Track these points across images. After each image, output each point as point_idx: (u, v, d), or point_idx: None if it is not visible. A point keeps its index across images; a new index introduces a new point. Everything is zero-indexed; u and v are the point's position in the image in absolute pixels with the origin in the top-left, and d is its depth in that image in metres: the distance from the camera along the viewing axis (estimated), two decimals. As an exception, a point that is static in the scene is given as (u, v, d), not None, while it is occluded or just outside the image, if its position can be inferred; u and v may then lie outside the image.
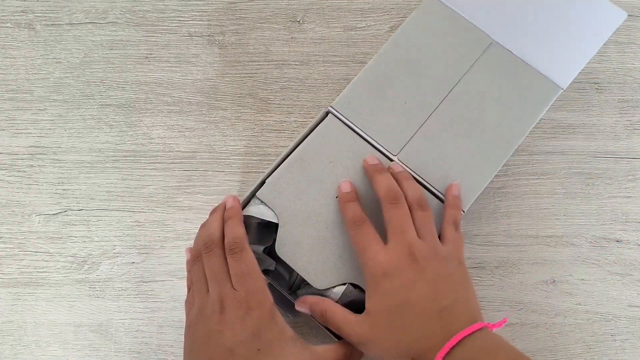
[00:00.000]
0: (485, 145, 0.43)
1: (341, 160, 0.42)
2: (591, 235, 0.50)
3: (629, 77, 0.54)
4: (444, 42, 0.45)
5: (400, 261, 0.35)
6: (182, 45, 0.55)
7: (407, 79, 0.45)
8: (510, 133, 0.44)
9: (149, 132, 0.53)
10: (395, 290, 0.35)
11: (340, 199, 0.40)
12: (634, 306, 0.49)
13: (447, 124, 0.44)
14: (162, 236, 0.50)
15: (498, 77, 0.45)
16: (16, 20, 0.56)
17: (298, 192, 0.42)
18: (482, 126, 0.44)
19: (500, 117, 0.44)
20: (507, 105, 0.44)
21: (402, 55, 0.45)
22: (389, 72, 0.45)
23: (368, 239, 0.37)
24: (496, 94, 0.44)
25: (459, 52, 0.45)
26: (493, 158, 0.43)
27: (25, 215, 0.51)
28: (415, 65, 0.45)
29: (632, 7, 0.56)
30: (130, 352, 0.48)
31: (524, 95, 0.44)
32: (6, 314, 0.48)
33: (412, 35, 0.46)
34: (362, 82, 0.44)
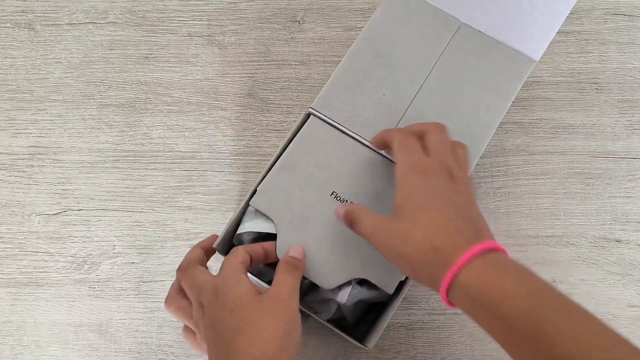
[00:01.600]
0: (468, 127, 0.43)
1: (330, 159, 0.42)
2: (591, 235, 0.50)
3: (629, 77, 0.54)
4: (413, 30, 0.45)
5: (438, 169, 0.35)
6: (182, 45, 0.55)
7: (382, 71, 0.45)
8: (490, 111, 0.44)
9: (149, 132, 0.53)
10: (428, 182, 0.34)
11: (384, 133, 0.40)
12: (634, 306, 0.49)
13: (427, 110, 0.44)
14: (162, 236, 0.50)
15: (471, 58, 0.45)
16: (16, 20, 0.56)
17: (291, 197, 0.41)
18: (462, 108, 0.44)
19: (478, 97, 0.44)
20: (483, 84, 0.44)
21: (374, 49, 0.45)
22: (364, 67, 0.45)
23: (413, 144, 0.37)
24: (471, 75, 0.44)
25: (430, 39, 0.45)
26: (477, 138, 0.43)
27: (25, 215, 0.51)
28: (388, 57, 0.45)
29: (632, 7, 0.56)
30: (130, 352, 0.48)
31: (498, 73, 0.44)
32: (6, 314, 0.48)
33: (381, 28, 0.46)
34: (339, 80, 0.44)
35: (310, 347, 0.47)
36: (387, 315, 0.40)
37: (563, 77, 0.54)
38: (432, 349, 0.48)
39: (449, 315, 0.48)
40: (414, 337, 0.48)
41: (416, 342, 0.48)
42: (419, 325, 0.48)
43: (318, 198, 0.41)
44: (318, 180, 0.42)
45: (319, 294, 0.41)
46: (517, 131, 0.53)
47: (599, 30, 0.55)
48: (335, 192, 0.41)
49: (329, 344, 0.47)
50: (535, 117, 0.53)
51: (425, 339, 0.48)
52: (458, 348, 0.48)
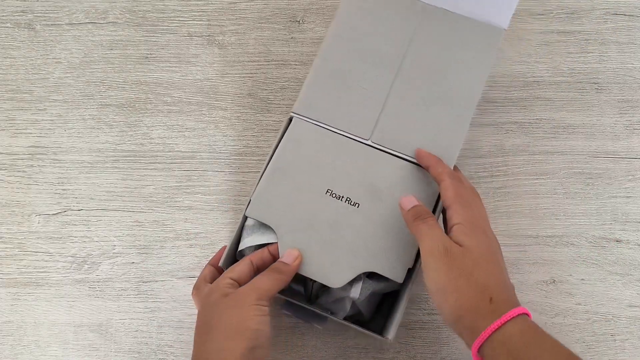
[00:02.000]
0: (449, 105, 0.43)
1: (320, 157, 0.42)
2: (591, 235, 0.50)
3: (629, 77, 0.54)
4: (380, 19, 0.45)
5: (487, 228, 0.38)
6: (182, 45, 0.55)
7: (357, 64, 0.45)
8: (469, 86, 0.44)
9: (149, 132, 0.53)
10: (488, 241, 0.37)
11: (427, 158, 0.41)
12: (634, 306, 0.49)
13: (408, 95, 0.44)
14: (162, 236, 0.50)
15: (441, 37, 0.45)
16: (16, 20, 0.56)
17: (288, 201, 0.41)
18: (440, 88, 0.44)
19: (455, 74, 0.44)
20: (458, 60, 0.44)
21: (345, 43, 0.45)
22: (338, 63, 0.45)
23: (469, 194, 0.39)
24: (445, 53, 0.44)
25: (398, 24, 0.45)
26: (460, 115, 0.43)
27: (25, 215, 0.51)
28: (360, 49, 0.45)
29: (632, 7, 0.56)
30: (130, 352, 0.48)
31: (470, 46, 0.45)
32: (6, 314, 0.48)
33: (348, 22, 0.46)
34: (316, 80, 0.44)
35: (310, 347, 0.47)
36: (401, 304, 0.40)
37: (563, 77, 0.54)
38: (432, 349, 0.48)
39: (449, 315, 0.48)
40: (414, 337, 0.48)
41: (416, 342, 0.48)
42: (419, 325, 0.48)
43: (314, 198, 0.41)
44: (311, 180, 0.41)
45: (331, 295, 0.41)
46: (517, 131, 0.53)
47: (599, 30, 0.55)
48: (330, 189, 0.41)
49: (329, 344, 0.47)
50: (535, 117, 0.53)
51: (425, 339, 0.48)
52: (458, 348, 0.48)
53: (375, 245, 0.40)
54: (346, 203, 0.41)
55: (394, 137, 0.43)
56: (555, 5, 0.56)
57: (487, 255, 0.36)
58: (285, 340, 0.48)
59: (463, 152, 0.52)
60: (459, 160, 0.52)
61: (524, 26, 0.55)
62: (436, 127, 0.43)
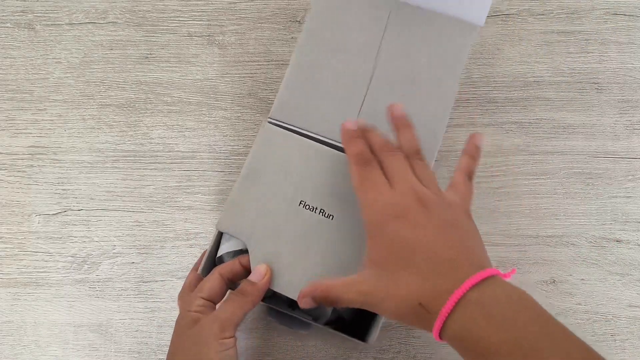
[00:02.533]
0: (427, 101, 0.43)
1: (293, 166, 0.40)
2: (591, 235, 0.50)
3: (629, 77, 0.54)
4: (352, 17, 0.45)
5: (409, 203, 0.33)
6: (182, 45, 0.55)
7: (332, 64, 0.44)
8: (445, 82, 0.43)
9: (149, 132, 0.53)
10: (403, 232, 0.32)
11: (344, 135, 0.38)
12: (634, 306, 0.49)
13: (385, 93, 0.43)
14: (162, 236, 0.50)
15: (415, 34, 0.45)
16: (16, 20, 0.56)
17: (259, 210, 0.39)
18: (417, 84, 0.43)
19: (431, 70, 0.44)
20: (432, 58, 0.44)
21: (319, 45, 0.45)
22: (313, 64, 0.44)
23: (375, 178, 0.35)
24: (419, 51, 0.44)
25: (370, 22, 0.45)
26: (439, 110, 0.43)
27: (25, 215, 0.51)
28: (334, 48, 0.44)
29: (632, 7, 0.56)
30: (130, 352, 0.48)
31: (445, 43, 0.44)
32: (6, 314, 0.48)
33: (321, 22, 0.45)
34: (292, 83, 0.44)
35: (309, 347, 0.47)
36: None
37: (563, 77, 0.54)
38: (432, 349, 0.48)
39: (449, 315, 0.48)
40: (414, 337, 0.48)
41: (416, 342, 0.48)
42: (419, 325, 0.48)
43: (286, 209, 0.40)
44: (284, 190, 0.40)
45: None
46: (517, 131, 0.53)
47: (599, 30, 0.55)
48: (303, 200, 0.40)
49: (329, 344, 0.47)
50: (535, 117, 0.53)
51: (425, 339, 0.48)
52: (458, 348, 0.48)
53: (349, 258, 0.39)
54: (320, 215, 0.39)
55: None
56: (555, 5, 0.56)
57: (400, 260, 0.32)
58: (285, 340, 0.48)
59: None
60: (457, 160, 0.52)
61: (524, 26, 0.55)
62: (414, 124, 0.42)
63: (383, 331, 0.48)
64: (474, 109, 0.53)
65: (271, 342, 0.48)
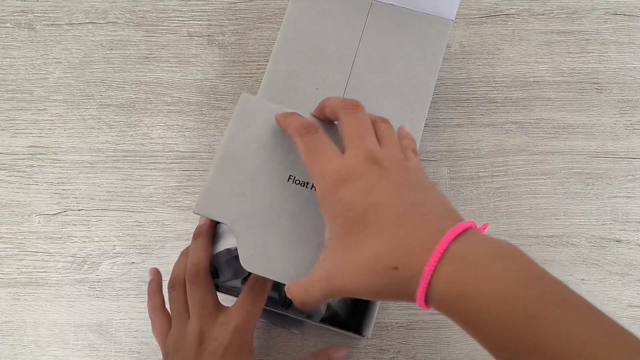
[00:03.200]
0: (405, 100, 0.43)
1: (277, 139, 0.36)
2: (591, 235, 0.50)
3: (629, 77, 0.54)
4: (328, 18, 0.45)
5: (359, 166, 0.29)
6: (182, 45, 0.55)
7: (309, 66, 0.44)
8: (423, 80, 0.44)
9: (149, 132, 0.53)
10: (355, 196, 0.28)
11: (279, 118, 0.34)
12: (634, 306, 0.49)
13: (362, 94, 0.44)
14: (162, 236, 0.50)
15: (391, 33, 0.45)
16: (16, 20, 0.56)
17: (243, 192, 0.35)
18: (394, 84, 0.44)
19: (407, 69, 0.44)
20: (409, 55, 0.44)
21: (296, 46, 0.45)
22: (290, 67, 0.44)
23: (321, 145, 0.30)
24: (395, 49, 0.44)
25: (347, 23, 0.45)
26: (417, 109, 0.43)
27: (25, 215, 0.51)
28: (311, 50, 0.45)
29: (632, 7, 0.56)
30: (130, 352, 0.48)
31: (420, 40, 0.45)
32: (6, 314, 0.48)
33: (297, 23, 0.45)
34: (269, 86, 0.44)
35: (309, 347, 0.47)
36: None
37: (563, 77, 0.54)
38: (432, 349, 0.48)
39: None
40: (414, 337, 0.48)
41: (416, 342, 0.48)
42: (419, 325, 0.48)
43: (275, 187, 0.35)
44: (269, 166, 0.36)
45: None
46: (517, 131, 0.53)
47: (599, 30, 0.55)
48: (292, 175, 0.35)
49: (329, 344, 0.47)
50: (535, 117, 0.53)
51: (425, 339, 0.48)
52: (458, 348, 0.48)
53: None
54: (312, 189, 0.35)
55: None
56: (555, 5, 0.56)
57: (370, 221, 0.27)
58: (285, 340, 0.48)
59: (463, 152, 0.52)
60: (458, 160, 0.52)
61: (524, 26, 0.55)
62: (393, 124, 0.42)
63: (383, 331, 0.48)
64: (474, 109, 0.53)
65: (271, 342, 0.48)
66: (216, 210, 0.35)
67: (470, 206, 0.51)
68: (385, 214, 0.27)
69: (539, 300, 0.23)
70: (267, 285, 0.37)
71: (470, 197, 0.51)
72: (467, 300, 0.24)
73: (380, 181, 0.28)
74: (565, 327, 0.22)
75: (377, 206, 0.27)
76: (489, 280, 0.24)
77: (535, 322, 0.23)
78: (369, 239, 0.27)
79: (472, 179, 0.51)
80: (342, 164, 0.29)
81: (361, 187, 0.28)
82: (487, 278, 0.24)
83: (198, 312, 0.36)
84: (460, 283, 0.25)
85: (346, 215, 0.28)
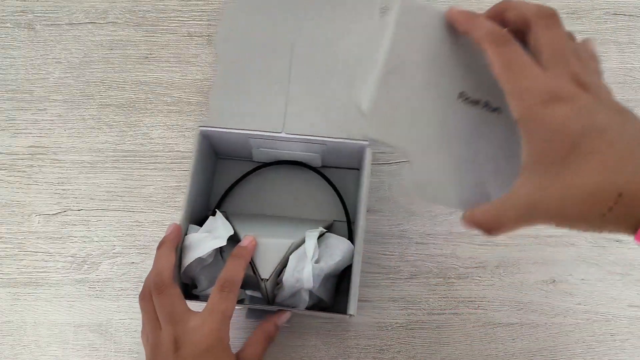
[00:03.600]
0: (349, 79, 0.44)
1: (444, 52, 0.31)
2: (591, 235, 0.50)
3: (629, 77, 0.54)
4: (265, 11, 0.46)
5: (568, 87, 0.26)
6: (182, 45, 0.55)
7: (252, 63, 0.45)
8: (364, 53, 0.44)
9: (149, 132, 0.53)
10: (571, 118, 0.25)
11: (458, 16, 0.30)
12: (634, 306, 0.49)
13: (308, 79, 0.44)
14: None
15: (326, 13, 0.45)
16: (16, 20, 0.56)
17: (413, 113, 0.31)
18: (336, 65, 0.44)
19: (348, 49, 0.44)
20: (349, 31, 0.45)
21: (237, 44, 0.45)
22: (234, 67, 0.45)
23: (521, 60, 0.27)
24: (331, 29, 0.45)
25: (283, 11, 0.46)
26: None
27: (25, 215, 0.51)
28: (251, 47, 0.45)
29: (632, 7, 0.56)
30: (130, 352, 0.48)
31: (355, 12, 0.45)
32: (6, 314, 0.48)
33: (234, 21, 0.46)
34: (220, 89, 0.45)
35: (310, 347, 0.47)
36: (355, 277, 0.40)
37: (563, 77, 0.54)
38: (432, 349, 0.48)
39: (449, 315, 0.48)
40: (414, 337, 0.48)
41: (416, 342, 0.48)
42: (419, 325, 0.48)
43: (444, 106, 0.31)
44: (438, 81, 0.31)
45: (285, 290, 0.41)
46: (517, 131, 0.53)
47: (599, 30, 0.55)
48: (463, 92, 0.31)
49: (329, 343, 0.47)
50: (535, 117, 0.53)
51: (425, 339, 0.48)
52: (458, 348, 0.48)
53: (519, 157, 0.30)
54: (484, 109, 0.32)
55: (305, 124, 0.44)
56: (556, 5, 0.55)
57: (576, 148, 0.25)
58: (285, 340, 0.48)
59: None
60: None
61: (524, 26, 0.55)
62: (343, 103, 0.42)
63: (383, 331, 0.48)
64: (474, 109, 0.53)
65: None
66: (387, 132, 0.31)
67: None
68: (608, 138, 0.25)
69: None
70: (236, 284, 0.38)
71: (470, 197, 0.51)
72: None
73: (598, 105, 0.26)
74: None
75: (600, 131, 0.25)
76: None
77: None
78: (589, 163, 0.25)
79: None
80: (548, 83, 0.26)
81: (577, 108, 0.26)
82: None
83: (168, 320, 0.36)
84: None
85: (557, 138, 0.26)
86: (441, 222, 0.50)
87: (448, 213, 0.51)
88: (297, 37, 0.45)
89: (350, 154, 0.46)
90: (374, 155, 0.52)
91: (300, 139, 0.43)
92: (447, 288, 0.49)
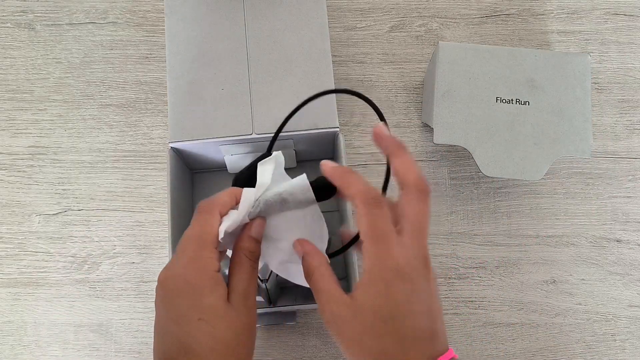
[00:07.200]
0: (308, 70, 0.44)
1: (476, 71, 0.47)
2: (591, 235, 0.50)
3: (629, 77, 0.54)
4: (207, 17, 0.46)
5: (416, 265, 0.30)
6: (182, 45, 0.55)
7: (207, 70, 0.45)
8: (317, 43, 0.45)
9: (149, 132, 0.53)
10: (402, 295, 0.29)
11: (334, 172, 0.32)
12: (634, 306, 0.49)
13: (268, 77, 0.44)
14: (162, 236, 0.50)
15: (270, 11, 0.46)
16: (16, 20, 0.56)
17: (465, 118, 0.46)
18: (292, 55, 0.45)
19: (300, 39, 0.45)
20: (296, 26, 0.45)
21: (187, 56, 0.45)
22: (189, 77, 0.45)
23: (385, 227, 0.30)
24: (282, 25, 0.45)
25: (226, 18, 0.46)
26: (322, 73, 0.44)
27: (25, 215, 0.51)
28: (203, 55, 0.45)
29: (632, 7, 0.56)
30: (130, 352, 0.48)
31: (299, 8, 0.45)
32: (6, 314, 0.48)
33: (180, 34, 0.45)
34: (176, 103, 0.44)
35: (310, 347, 0.47)
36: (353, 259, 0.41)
37: (563, 77, 0.54)
38: (432, 349, 0.48)
39: (449, 315, 0.48)
40: (414, 337, 0.48)
41: (416, 342, 0.48)
42: (419, 325, 0.48)
43: (488, 108, 0.46)
44: (477, 93, 0.47)
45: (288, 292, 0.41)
46: (517, 131, 0.53)
47: (599, 30, 0.55)
48: (498, 97, 0.46)
49: (330, 344, 0.47)
50: (536, 117, 0.53)
51: (426, 339, 0.48)
52: (458, 348, 0.48)
53: (554, 131, 0.46)
54: (517, 104, 0.46)
55: (273, 121, 0.43)
56: (555, 5, 0.56)
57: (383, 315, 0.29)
58: (285, 340, 0.48)
59: (464, 153, 0.52)
60: (458, 160, 0.52)
61: (524, 26, 0.55)
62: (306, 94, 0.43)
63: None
64: (474, 109, 0.53)
65: (271, 342, 0.48)
66: (451, 136, 0.46)
67: (471, 206, 0.51)
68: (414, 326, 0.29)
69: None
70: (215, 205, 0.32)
71: (470, 197, 0.51)
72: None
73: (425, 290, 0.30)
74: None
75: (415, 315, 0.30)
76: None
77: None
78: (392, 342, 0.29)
79: (472, 179, 0.51)
80: (402, 254, 0.30)
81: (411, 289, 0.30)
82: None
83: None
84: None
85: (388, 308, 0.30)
86: (441, 222, 0.50)
87: (448, 213, 0.51)
88: (248, 35, 0.45)
89: (322, 143, 0.46)
90: (370, 156, 0.52)
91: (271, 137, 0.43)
92: (447, 288, 0.49)
